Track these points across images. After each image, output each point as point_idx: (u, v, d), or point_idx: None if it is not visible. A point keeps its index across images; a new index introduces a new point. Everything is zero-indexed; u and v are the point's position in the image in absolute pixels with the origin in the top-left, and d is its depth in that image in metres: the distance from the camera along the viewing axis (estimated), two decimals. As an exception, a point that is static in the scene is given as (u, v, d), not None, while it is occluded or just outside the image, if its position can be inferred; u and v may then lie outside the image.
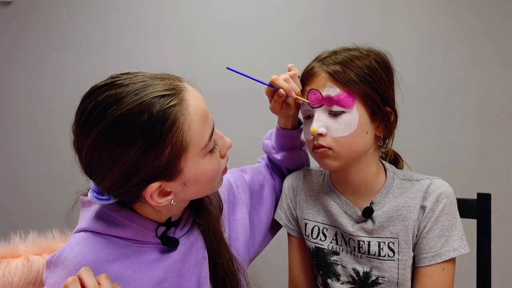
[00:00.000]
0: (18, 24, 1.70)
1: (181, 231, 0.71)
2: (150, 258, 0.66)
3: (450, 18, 1.34)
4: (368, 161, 0.78)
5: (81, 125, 0.57)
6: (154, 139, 0.55)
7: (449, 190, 0.76)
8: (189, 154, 0.59)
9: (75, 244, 0.62)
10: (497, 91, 1.30)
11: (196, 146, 0.59)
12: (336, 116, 0.73)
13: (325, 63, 0.75)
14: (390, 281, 0.76)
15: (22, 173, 1.71)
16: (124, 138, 0.54)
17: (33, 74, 1.67)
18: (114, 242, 0.64)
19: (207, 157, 0.63)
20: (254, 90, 1.49)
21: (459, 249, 0.73)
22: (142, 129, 0.54)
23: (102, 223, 0.64)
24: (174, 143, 0.56)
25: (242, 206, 0.84)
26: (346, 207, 0.81)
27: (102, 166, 0.56)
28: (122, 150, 0.55)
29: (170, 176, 0.59)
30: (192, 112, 0.58)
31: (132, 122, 0.54)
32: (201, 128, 0.60)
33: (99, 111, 0.55)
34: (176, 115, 0.56)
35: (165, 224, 0.68)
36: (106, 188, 0.59)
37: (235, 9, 1.51)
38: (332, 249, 0.83)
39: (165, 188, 0.60)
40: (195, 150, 0.60)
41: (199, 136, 0.60)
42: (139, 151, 0.55)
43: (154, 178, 0.58)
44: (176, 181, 0.60)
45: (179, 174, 0.60)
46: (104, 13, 1.62)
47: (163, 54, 1.56)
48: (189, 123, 0.58)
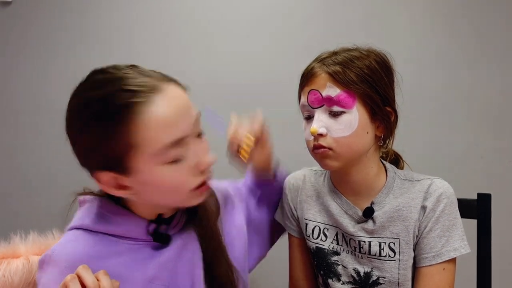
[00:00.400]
0: (18, 24, 1.70)
1: (174, 229, 0.70)
2: (142, 256, 0.65)
3: (451, 18, 1.34)
4: (368, 161, 0.78)
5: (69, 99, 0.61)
6: (108, 128, 0.56)
7: (450, 190, 0.76)
8: (140, 155, 0.58)
9: (67, 242, 0.63)
10: (497, 91, 1.31)
11: (147, 149, 0.57)
12: (336, 116, 0.73)
13: (325, 63, 0.75)
14: (391, 281, 0.76)
15: (22, 173, 1.70)
16: (87, 119, 0.57)
17: (33, 74, 1.67)
18: (107, 240, 0.64)
19: (166, 166, 0.59)
20: (254, 90, 1.49)
21: (459, 249, 0.73)
22: (101, 116, 0.57)
23: (94, 220, 0.64)
24: (125, 138, 0.56)
25: (239, 214, 0.83)
26: (347, 207, 0.81)
27: (73, 140, 0.61)
28: (83, 129, 0.58)
29: (122, 171, 0.59)
30: (154, 115, 0.57)
31: (96, 107, 0.57)
32: (159, 133, 0.57)
33: (81, 90, 0.60)
34: (135, 112, 0.56)
35: (156, 221, 0.68)
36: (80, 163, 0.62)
37: (234, 9, 1.51)
38: (333, 249, 0.83)
39: (120, 182, 0.61)
40: (147, 154, 0.58)
41: (153, 141, 0.57)
42: (94, 136, 0.57)
43: (105, 166, 0.59)
44: (131, 178, 0.60)
45: (132, 172, 0.59)
46: (105, 13, 1.62)
47: (165, 54, 1.56)
48: (145, 124, 0.56)
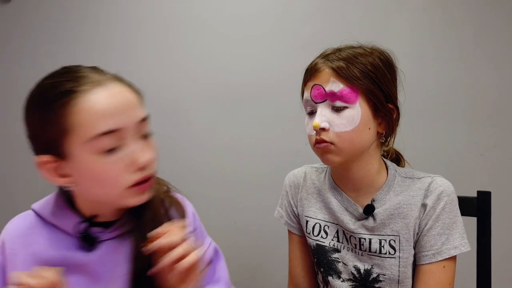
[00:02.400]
0: (18, 22, 1.69)
1: (109, 234, 0.68)
2: (64, 250, 0.66)
3: (451, 17, 1.33)
4: (370, 158, 0.78)
5: None
6: (45, 111, 0.60)
7: (450, 188, 0.76)
8: (73, 140, 0.60)
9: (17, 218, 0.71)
10: (497, 89, 1.30)
11: (81, 133, 0.59)
12: (339, 111, 0.73)
13: (329, 59, 0.75)
14: (391, 279, 0.76)
15: (22, 171, 1.70)
16: (33, 104, 0.62)
17: (32, 72, 1.66)
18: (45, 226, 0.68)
19: (99, 156, 0.60)
20: (254, 89, 1.49)
21: (459, 247, 0.73)
22: (42, 101, 0.60)
23: (43, 206, 0.70)
24: (60, 122, 0.59)
25: None
26: (348, 204, 0.81)
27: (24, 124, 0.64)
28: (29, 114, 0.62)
29: (58, 155, 0.61)
30: (92, 102, 0.60)
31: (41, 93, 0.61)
32: (93, 120, 0.59)
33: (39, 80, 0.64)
34: (72, 97, 0.59)
35: (88, 220, 0.67)
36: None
37: (234, 8, 1.50)
38: (333, 247, 0.83)
39: (59, 168, 0.62)
40: (81, 138, 0.59)
41: (88, 125, 0.59)
42: (34, 120, 0.62)
43: (44, 150, 0.61)
44: (67, 163, 0.61)
45: (68, 157, 0.61)
46: (105, 11, 1.61)
47: (163, 53, 1.55)
48: (81, 108, 0.59)
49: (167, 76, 1.55)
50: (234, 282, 0.85)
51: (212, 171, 1.53)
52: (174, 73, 1.55)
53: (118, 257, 0.68)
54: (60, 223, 0.67)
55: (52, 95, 0.60)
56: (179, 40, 1.55)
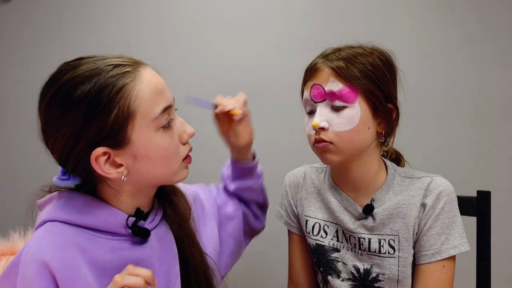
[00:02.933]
0: (18, 22, 1.69)
1: (150, 224, 0.69)
2: (121, 250, 0.63)
3: (451, 17, 1.33)
4: (369, 157, 0.78)
5: (40, 92, 0.61)
6: (101, 100, 0.57)
7: (450, 188, 0.76)
8: (137, 122, 0.59)
9: (44, 235, 0.59)
10: (497, 88, 1.30)
11: (144, 115, 0.60)
12: (338, 111, 0.73)
13: (328, 59, 0.75)
14: (391, 278, 0.77)
15: (21, 169, 1.70)
16: (71, 99, 0.57)
17: (32, 72, 1.67)
18: (83, 233, 0.61)
19: (160, 132, 0.62)
20: (253, 89, 1.49)
21: (459, 247, 0.73)
22: (90, 91, 0.56)
23: (68, 212, 0.62)
24: (121, 107, 0.58)
25: (211, 218, 0.82)
26: (347, 204, 0.81)
27: (52, 128, 0.59)
28: (69, 111, 0.57)
29: (118, 143, 0.59)
30: (144, 82, 0.60)
31: (81, 84, 0.57)
32: (152, 100, 0.61)
33: (56, 77, 0.59)
34: (126, 81, 0.58)
35: (135, 215, 0.66)
36: (58, 157, 0.61)
37: (233, 7, 1.50)
38: (333, 246, 0.83)
39: (114, 158, 0.60)
40: (144, 120, 0.60)
41: (148, 107, 0.60)
42: (85, 113, 0.56)
43: (99, 142, 0.58)
44: (125, 151, 0.60)
45: (127, 143, 0.59)
46: (104, 11, 1.61)
47: (161, 53, 1.56)
48: (138, 91, 0.59)
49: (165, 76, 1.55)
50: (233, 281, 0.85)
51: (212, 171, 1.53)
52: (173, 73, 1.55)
53: (167, 242, 0.70)
54: (102, 225, 0.63)
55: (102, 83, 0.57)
56: (178, 40, 1.55)
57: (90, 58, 0.61)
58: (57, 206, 0.63)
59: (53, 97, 0.58)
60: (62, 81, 0.58)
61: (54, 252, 0.57)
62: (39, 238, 0.59)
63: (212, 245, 0.79)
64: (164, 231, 0.71)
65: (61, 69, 0.60)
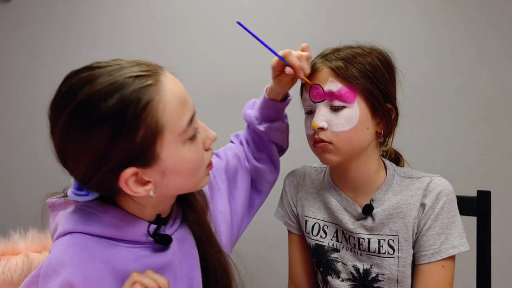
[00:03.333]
0: (17, 21, 1.69)
1: (171, 229, 0.68)
2: (142, 258, 0.62)
3: (449, 17, 1.33)
4: (368, 158, 0.78)
5: (53, 108, 0.55)
6: (126, 120, 0.52)
7: (449, 188, 0.76)
8: (165, 138, 0.56)
9: (65, 248, 0.57)
10: (496, 88, 1.30)
11: (172, 130, 0.56)
12: (337, 111, 0.73)
13: (327, 59, 0.75)
14: (390, 278, 0.76)
15: (21, 169, 1.70)
16: (94, 118, 0.52)
17: (31, 71, 1.67)
18: (104, 243, 0.60)
19: (187, 145, 0.59)
20: (253, 89, 1.49)
21: (458, 247, 0.73)
22: (113, 109, 0.52)
23: (89, 223, 0.60)
24: (149, 124, 0.54)
25: (221, 196, 0.81)
26: (346, 204, 0.81)
27: (74, 150, 0.54)
28: (92, 131, 0.52)
29: (146, 162, 0.56)
30: (168, 94, 0.56)
31: (103, 101, 0.52)
32: (179, 112, 0.57)
33: (71, 92, 0.53)
34: (150, 95, 0.54)
35: (155, 222, 0.65)
36: (79, 177, 0.57)
37: (233, 7, 1.51)
38: (332, 246, 0.83)
39: (142, 177, 0.57)
40: (172, 135, 0.57)
41: (176, 120, 0.57)
42: (110, 132, 0.52)
43: (128, 163, 0.55)
44: (153, 168, 0.57)
45: (156, 160, 0.56)
46: (102, 11, 1.61)
47: (160, 53, 1.56)
48: (164, 105, 0.55)
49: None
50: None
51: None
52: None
53: (188, 244, 0.69)
54: (123, 234, 0.61)
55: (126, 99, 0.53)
56: (178, 39, 1.55)
57: (104, 69, 0.55)
58: (77, 216, 0.61)
59: (72, 116, 0.53)
60: (80, 98, 0.52)
61: (77, 267, 0.55)
62: (60, 252, 0.57)
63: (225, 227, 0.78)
64: (184, 233, 0.70)
65: (74, 83, 0.54)
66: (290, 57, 0.72)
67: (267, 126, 0.84)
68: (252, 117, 0.86)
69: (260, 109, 0.84)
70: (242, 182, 0.87)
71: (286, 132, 0.90)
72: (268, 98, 0.82)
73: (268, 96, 0.82)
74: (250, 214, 0.89)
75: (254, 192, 0.90)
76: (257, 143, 0.89)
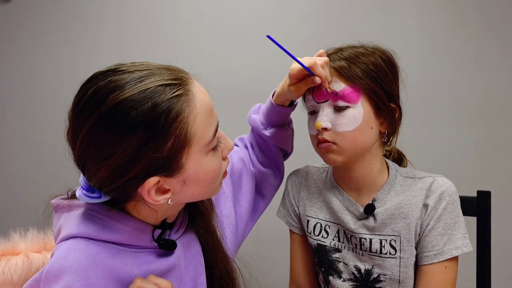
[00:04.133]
0: (17, 21, 1.68)
1: (176, 234, 0.67)
2: (147, 264, 0.62)
3: (451, 17, 1.33)
4: (372, 157, 0.78)
5: (78, 110, 0.53)
6: (156, 129, 0.52)
7: (452, 188, 0.76)
8: (192, 149, 0.56)
9: (67, 252, 0.56)
10: (497, 88, 1.31)
11: (200, 141, 0.56)
12: (341, 111, 0.73)
13: (330, 59, 0.75)
14: (392, 279, 0.76)
15: (21, 170, 1.69)
16: (124, 126, 0.51)
17: (31, 71, 1.66)
18: (108, 248, 0.59)
19: (210, 155, 0.59)
20: (254, 89, 1.48)
21: (461, 248, 0.73)
22: (145, 118, 0.51)
23: (93, 227, 0.59)
24: (178, 135, 0.53)
25: (226, 200, 0.81)
26: (348, 203, 0.81)
27: (98, 155, 0.53)
28: (121, 138, 0.51)
29: (170, 172, 0.56)
30: (198, 105, 0.56)
31: (134, 109, 0.51)
32: (206, 123, 0.57)
33: (99, 96, 0.52)
34: (181, 105, 0.54)
35: (160, 226, 0.64)
36: (99, 182, 0.55)
37: (233, 7, 1.50)
38: (334, 246, 0.83)
39: (163, 185, 0.57)
40: (199, 145, 0.56)
41: (204, 131, 0.57)
42: (139, 141, 0.51)
43: (153, 172, 0.54)
44: (175, 177, 0.57)
45: (180, 170, 0.56)
46: (103, 11, 1.60)
47: (161, 52, 1.55)
48: (194, 116, 0.55)
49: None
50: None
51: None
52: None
53: (193, 249, 0.69)
54: (127, 239, 0.61)
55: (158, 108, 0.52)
56: (178, 39, 1.54)
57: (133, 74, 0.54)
58: (80, 220, 0.60)
59: (101, 121, 0.52)
60: (111, 103, 0.51)
61: (78, 274, 0.55)
62: (62, 257, 0.56)
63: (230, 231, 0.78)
64: (190, 239, 0.69)
65: (102, 86, 0.53)
66: (317, 68, 0.71)
67: (273, 131, 0.84)
68: (258, 122, 0.86)
69: (266, 114, 0.84)
70: (247, 186, 0.86)
71: (291, 137, 0.90)
72: (275, 104, 0.82)
73: (275, 101, 0.82)
74: (253, 218, 0.89)
75: (258, 196, 0.90)
76: (262, 148, 0.89)
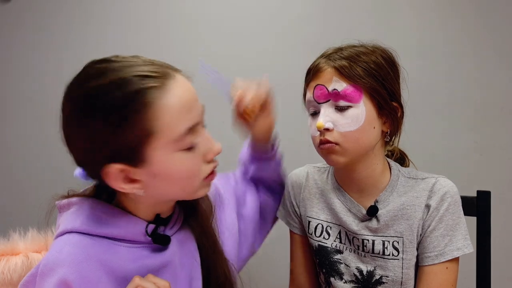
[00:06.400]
0: (17, 22, 1.67)
1: (171, 230, 0.68)
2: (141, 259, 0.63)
3: (451, 16, 1.33)
4: (375, 158, 0.77)
5: (64, 95, 0.58)
6: (122, 117, 0.53)
7: (454, 189, 0.76)
8: (158, 143, 0.55)
9: (62, 246, 0.58)
10: (496, 88, 1.31)
11: (166, 136, 0.56)
12: (343, 110, 0.73)
13: (331, 58, 0.74)
14: (394, 280, 0.76)
15: (21, 170, 1.69)
16: (94, 110, 0.54)
17: (31, 72, 1.65)
18: (103, 242, 0.60)
19: (182, 154, 0.58)
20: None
21: (463, 249, 0.73)
22: (113, 104, 0.53)
23: (87, 222, 0.61)
24: (142, 126, 0.54)
25: (231, 211, 0.81)
26: (351, 205, 0.81)
27: (73, 137, 0.57)
28: (91, 122, 0.54)
29: (134, 162, 0.56)
30: (172, 100, 0.56)
31: (104, 95, 0.54)
32: (178, 119, 0.56)
33: (82, 80, 0.56)
34: (151, 97, 0.54)
35: (154, 222, 0.65)
36: (78, 162, 0.60)
37: (233, 7, 1.49)
38: (335, 248, 0.83)
39: (130, 175, 0.57)
40: (165, 140, 0.56)
41: (172, 126, 0.56)
42: (106, 126, 0.54)
43: (115, 158, 0.55)
44: (143, 169, 0.57)
45: (145, 162, 0.56)
46: (103, 11, 1.60)
47: (161, 52, 1.53)
48: (164, 110, 0.55)
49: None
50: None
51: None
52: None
53: (189, 246, 0.69)
54: (121, 234, 0.62)
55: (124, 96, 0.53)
56: (178, 39, 1.54)
57: (119, 63, 0.56)
58: (76, 216, 0.62)
59: (77, 103, 0.56)
60: (89, 87, 0.55)
61: (72, 266, 0.56)
62: (57, 251, 0.58)
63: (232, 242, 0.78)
64: (185, 235, 0.69)
65: (88, 72, 0.57)
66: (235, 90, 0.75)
67: (256, 165, 0.87)
68: (244, 159, 0.90)
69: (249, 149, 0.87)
70: (252, 202, 0.87)
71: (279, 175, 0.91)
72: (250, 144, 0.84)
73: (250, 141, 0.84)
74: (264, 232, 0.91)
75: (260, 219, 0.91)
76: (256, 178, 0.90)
